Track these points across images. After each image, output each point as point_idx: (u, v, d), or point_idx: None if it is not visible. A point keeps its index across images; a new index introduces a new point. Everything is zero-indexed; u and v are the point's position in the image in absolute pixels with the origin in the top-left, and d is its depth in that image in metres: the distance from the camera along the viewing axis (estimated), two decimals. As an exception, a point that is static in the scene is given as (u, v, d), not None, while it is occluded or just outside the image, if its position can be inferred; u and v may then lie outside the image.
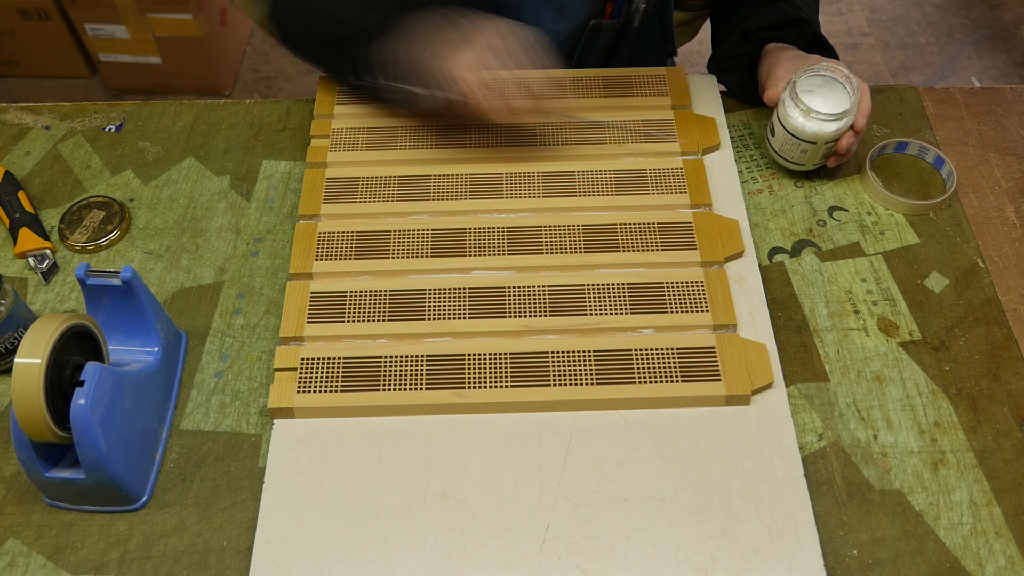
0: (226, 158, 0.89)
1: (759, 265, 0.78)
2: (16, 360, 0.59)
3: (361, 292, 0.75)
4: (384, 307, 0.74)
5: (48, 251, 0.81)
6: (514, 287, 0.75)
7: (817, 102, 0.80)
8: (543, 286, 0.75)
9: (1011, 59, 2.06)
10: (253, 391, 0.73)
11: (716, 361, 0.71)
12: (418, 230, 0.79)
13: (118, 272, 0.67)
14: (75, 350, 0.63)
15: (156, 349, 0.70)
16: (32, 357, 0.59)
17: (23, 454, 0.62)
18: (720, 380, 0.70)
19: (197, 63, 1.93)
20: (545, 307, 0.74)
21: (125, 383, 0.64)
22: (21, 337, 0.66)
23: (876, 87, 0.93)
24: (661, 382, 0.70)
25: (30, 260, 0.80)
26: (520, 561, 0.63)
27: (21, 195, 0.83)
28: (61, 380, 0.62)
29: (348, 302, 0.75)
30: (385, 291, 0.75)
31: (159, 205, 0.85)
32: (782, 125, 0.82)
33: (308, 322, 0.73)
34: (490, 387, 0.70)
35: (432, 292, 0.75)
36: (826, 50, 0.90)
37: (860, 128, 0.81)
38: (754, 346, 0.72)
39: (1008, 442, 0.70)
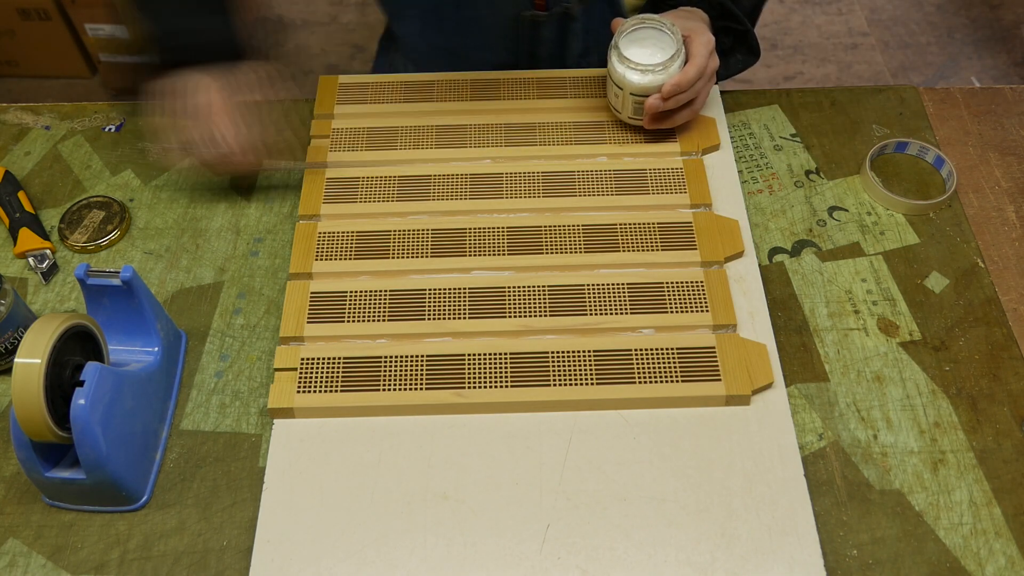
0: (226, 158, 0.89)
1: (759, 265, 0.78)
2: (16, 360, 0.59)
3: (361, 292, 0.75)
4: (384, 307, 0.74)
5: (48, 251, 0.81)
6: (514, 287, 0.75)
7: (632, 48, 0.79)
8: (543, 286, 0.75)
9: (1011, 59, 2.06)
10: (253, 391, 0.73)
11: (716, 361, 0.71)
12: (418, 230, 0.79)
13: (118, 272, 0.67)
14: (75, 350, 0.63)
15: (156, 349, 0.70)
16: (32, 357, 0.59)
17: (23, 454, 0.62)
18: (720, 380, 0.70)
19: (197, 63, 1.93)
20: (545, 307, 0.74)
21: (125, 383, 0.64)
22: (21, 337, 0.66)
23: (876, 87, 0.93)
24: (661, 382, 0.70)
25: (30, 260, 0.80)
26: (520, 561, 0.63)
27: (21, 195, 0.83)
28: (61, 380, 0.62)
29: (348, 302, 0.75)
30: (385, 291, 0.75)
31: (159, 205, 0.85)
32: (607, 63, 0.82)
33: (308, 322, 0.73)
34: (490, 387, 0.70)
35: (432, 292, 0.75)
36: (735, 20, 0.87)
37: (666, 93, 0.79)
38: (754, 346, 0.72)
39: (1008, 442, 0.70)
